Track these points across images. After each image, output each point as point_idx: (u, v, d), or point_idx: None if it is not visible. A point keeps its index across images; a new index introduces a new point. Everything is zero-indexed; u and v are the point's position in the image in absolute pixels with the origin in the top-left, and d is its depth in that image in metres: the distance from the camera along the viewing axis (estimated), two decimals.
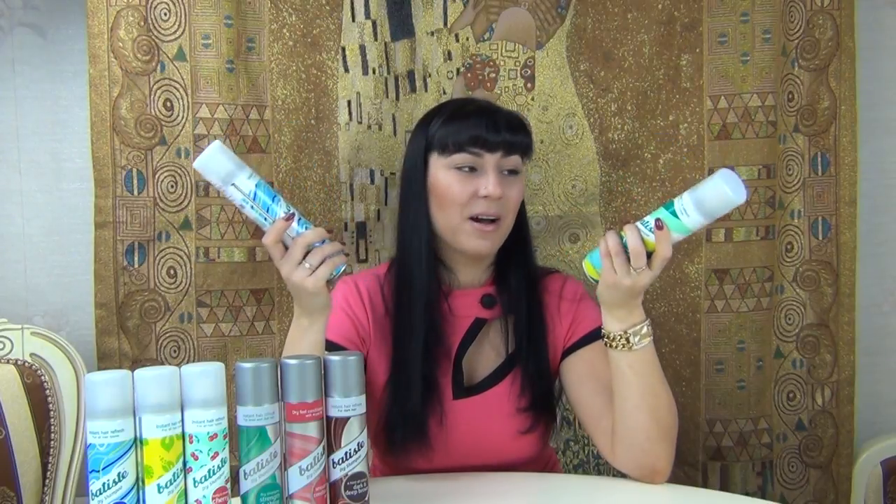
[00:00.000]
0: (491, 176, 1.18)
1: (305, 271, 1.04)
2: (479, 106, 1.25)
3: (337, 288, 1.28)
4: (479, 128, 1.19)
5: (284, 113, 1.60)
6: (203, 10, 1.54)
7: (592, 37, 1.64)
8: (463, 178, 1.19)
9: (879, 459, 1.65)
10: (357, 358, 0.94)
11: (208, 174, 1.05)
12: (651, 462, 1.13)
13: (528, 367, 1.22)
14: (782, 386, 1.70)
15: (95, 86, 1.53)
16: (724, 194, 1.01)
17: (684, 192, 1.06)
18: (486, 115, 1.21)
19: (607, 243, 1.08)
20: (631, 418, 1.12)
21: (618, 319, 1.11)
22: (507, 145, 1.19)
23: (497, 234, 1.21)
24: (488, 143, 1.18)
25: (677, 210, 1.05)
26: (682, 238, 1.08)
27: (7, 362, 1.46)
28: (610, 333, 1.12)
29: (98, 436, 0.83)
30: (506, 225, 1.21)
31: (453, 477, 1.19)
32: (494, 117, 1.21)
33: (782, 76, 1.65)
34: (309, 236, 1.05)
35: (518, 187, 1.22)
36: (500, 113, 1.23)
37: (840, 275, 1.68)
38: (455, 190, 1.18)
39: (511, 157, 1.20)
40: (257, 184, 1.05)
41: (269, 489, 0.90)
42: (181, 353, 1.57)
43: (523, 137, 1.22)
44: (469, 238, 1.20)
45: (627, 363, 1.11)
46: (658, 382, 1.13)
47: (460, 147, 1.19)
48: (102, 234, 1.54)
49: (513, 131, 1.20)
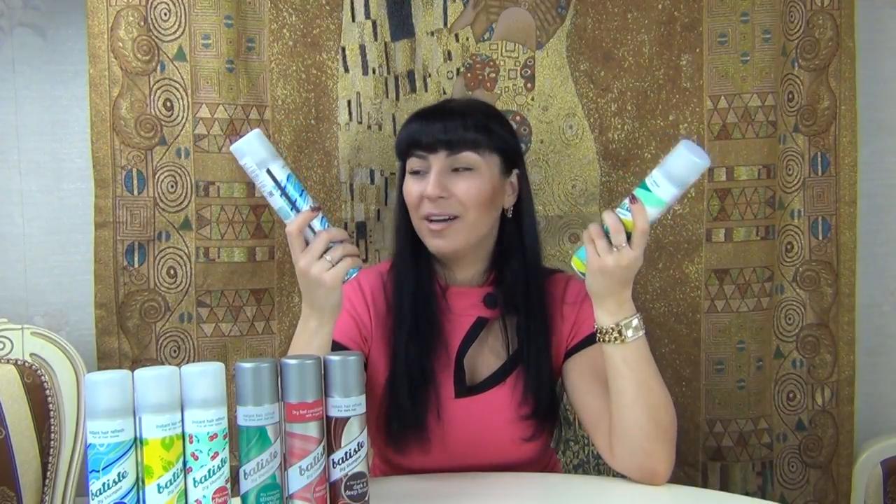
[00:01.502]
0: (431, 176, 1.19)
1: (326, 265, 1.05)
2: (425, 110, 1.28)
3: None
4: (415, 132, 1.22)
5: (284, 113, 1.60)
6: (203, 10, 1.54)
7: (592, 37, 1.64)
8: (415, 181, 1.22)
9: (879, 459, 1.65)
10: (357, 358, 0.94)
11: (245, 157, 1.06)
12: (651, 464, 1.13)
13: (531, 369, 1.22)
14: (782, 386, 1.70)
15: (95, 86, 1.53)
16: (690, 160, 1.06)
17: (653, 169, 1.09)
18: (424, 118, 1.23)
19: (589, 231, 1.10)
20: (628, 414, 1.12)
21: (609, 313, 1.11)
22: (446, 143, 1.19)
23: (453, 231, 1.20)
24: (423, 145, 1.21)
25: (649, 185, 1.08)
26: (660, 213, 1.09)
27: (7, 362, 1.46)
28: (602, 328, 1.12)
29: (98, 436, 0.83)
30: (466, 221, 1.20)
31: (453, 477, 1.19)
32: (432, 119, 1.22)
33: (782, 76, 1.65)
34: (333, 232, 1.07)
35: (470, 183, 1.19)
36: (443, 113, 1.23)
37: (840, 275, 1.68)
38: (410, 193, 1.22)
39: (458, 154, 1.20)
40: (288, 175, 1.07)
41: (269, 489, 0.90)
42: (181, 353, 1.57)
43: (464, 134, 1.20)
44: (427, 238, 1.22)
45: (621, 357, 1.11)
46: (653, 378, 1.13)
47: (405, 152, 1.23)
48: (102, 234, 1.54)
49: (450, 130, 1.20)
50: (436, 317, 1.22)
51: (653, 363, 1.14)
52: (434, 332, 1.21)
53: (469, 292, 1.26)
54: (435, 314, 1.22)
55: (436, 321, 1.21)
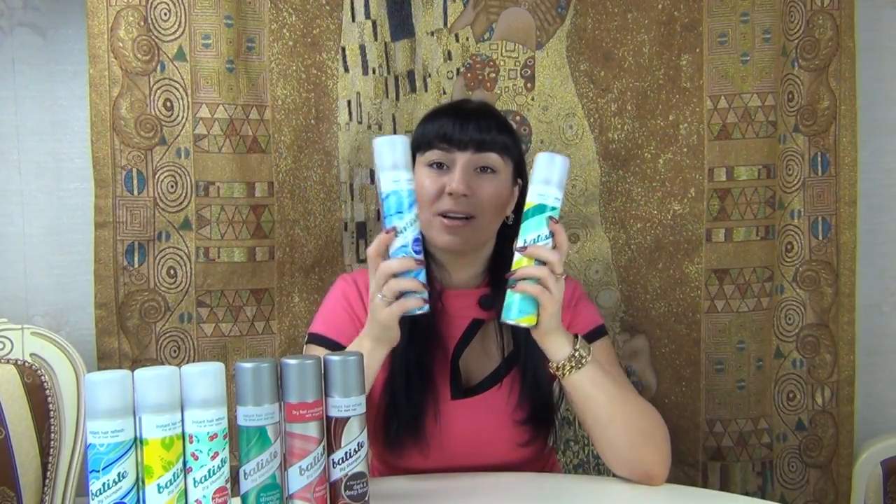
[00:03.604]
0: (457, 172, 1.18)
1: (382, 301, 1.04)
2: (455, 105, 1.27)
3: (336, 285, 1.29)
4: (447, 125, 1.20)
5: (284, 113, 1.60)
6: (203, 10, 1.54)
7: (592, 37, 1.64)
8: (433, 174, 1.20)
9: (879, 459, 1.65)
10: (357, 358, 0.94)
11: (385, 154, 1.04)
12: (644, 468, 1.13)
13: (526, 372, 1.22)
14: (782, 386, 1.70)
15: (95, 86, 1.53)
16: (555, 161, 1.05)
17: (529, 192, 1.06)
18: (456, 113, 1.22)
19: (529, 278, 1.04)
20: (610, 433, 1.12)
21: (562, 346, 1.10)
22: (477, 143, 1.19)
23: (467, 231, 1.19)
24: (454, 140, 1.19)
25: (537, 202, 1.04)
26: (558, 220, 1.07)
27: (7, 362, 1.46)
28: (563, 360, 1.09)
29: (98, 436, 0.83)
30: (480, 223, 1.20)
31: (453, 477, 1.19)
32: (464, 115, 1.21)
33: (782, 76, 1.65)
34: (393, 265, 1.03)
35: (492, 185, 1.20)
36: (473, 111, 1.23)
37: (840, 275, 1.68)
38: (425, 186, 1.19)
39: (484, 154, 1.20)
40: (391, 192, 1.04)
41: (269, 489, 0.90)
42: (181, 353, 1.57)
43: (496, 136, 1.21)
44: (438, 233, 1.20)
45: (590, 379, 1.10)
46: (620, 389, 1.13)
47: (430, 144, 1.21)
48: (102, 234, 1.54)
49: (483, 129, 1.20)
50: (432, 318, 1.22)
51: (613, 377, 1.14)
52: (430, 333, 1.21)
53: (465, 294, 1.26)
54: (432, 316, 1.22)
55: (432, 323, 1.21)
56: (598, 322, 1.26)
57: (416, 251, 1.03)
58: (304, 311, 1.63)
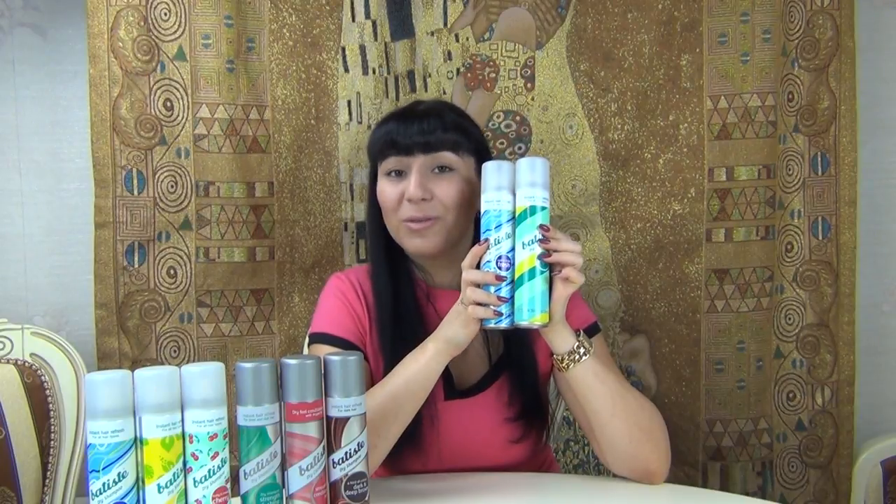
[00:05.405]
0: (412, 177, 1.18)
1: (461, 307, 1.07)
2: (402, 110, 1.25)
3: (330, 283, 1.29)
4: (393, 131, 1.20)
5: (284, 113, 1.60)
6: (203, 10, 1.54)
7: (592, 37, 1.64)
8: (392, 182, 1.20)
9: (879, 459, 1.65)
10: (357, 358, 0.94)
11: (490, 176, 1.06)
12: (642, 465, 1.13)
13: (515, 372, 1.22)
14: (782, 386, 1.70)
15: (95, 86, 1.53)
16: (535, 163, 1.06)
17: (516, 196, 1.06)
18: (400, 118, 1.21)
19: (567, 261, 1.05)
20: (610, 428, 1.12)
21: (566, 337, 1.10)
22: (423, 145, 1.18)
23: (434, 232, 1.19)
24: (401, 146, 1.19)
25: (528, 205, 1.05)
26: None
27: (7, 362, 1.46)
28: (566, 352, 1.10)
29: (98, 436, 0.83)
30: (446, 223, 1.19)
31: (453, 477, 1.19)
32: (409, 119, 1.20)
33: (782, 76, 1.65)
34: (473, 275, 1.06)
35: (451, 184, 1.19)
36: (420, 113, 1.22)
37: (840, 275, 1.68)
38: (386, 195, 1.20)
39: (436, 154, 1.19)
40: (490, 211, 1.05)
41: (269, 489, 0.90)
42: (181, 353, 1.57)
43: (441, 135, 1.19)
44: (407, 240, 1.20)
45: (592, 371, 1.11)
46: (622, 384, 1.14)
47: (382, 153, 1.21)
48: (102, 234, 1.54)
49: (427, 131, 1.19)
50: (419, 319, 1.22)
51: (614, 368, 1.15)
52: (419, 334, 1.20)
53: (452, 294, 1.25)
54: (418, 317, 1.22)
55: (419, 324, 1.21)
56: (593, 319, 1.26)
57: (499, 266, 1.05)
58: (304, 311, 1.63)
